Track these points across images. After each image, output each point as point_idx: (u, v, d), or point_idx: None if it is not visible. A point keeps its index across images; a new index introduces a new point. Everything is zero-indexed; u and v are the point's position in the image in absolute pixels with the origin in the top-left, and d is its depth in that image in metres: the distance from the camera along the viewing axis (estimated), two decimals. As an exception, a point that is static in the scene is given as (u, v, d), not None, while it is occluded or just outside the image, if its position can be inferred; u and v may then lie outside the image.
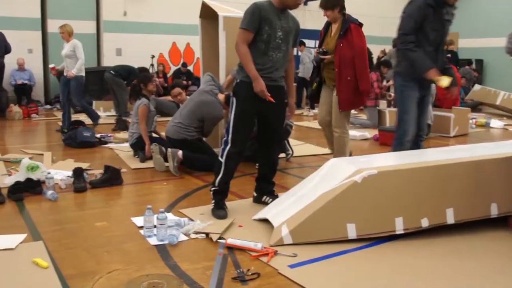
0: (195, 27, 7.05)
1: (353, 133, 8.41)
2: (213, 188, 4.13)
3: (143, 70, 10.67)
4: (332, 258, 3.21)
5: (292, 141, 6.89)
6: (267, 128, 4.22)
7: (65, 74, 8.46)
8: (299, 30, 4.24)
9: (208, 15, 6.44)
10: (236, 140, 4.04)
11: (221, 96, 5.68)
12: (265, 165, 4.40)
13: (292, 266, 3.07)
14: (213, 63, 6.38)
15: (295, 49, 4.39)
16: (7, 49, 11.47)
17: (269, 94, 3.94)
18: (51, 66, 9.12)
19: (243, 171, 5.65)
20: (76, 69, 8.27)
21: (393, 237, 3.49)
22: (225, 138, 4.09)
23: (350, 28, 5.16)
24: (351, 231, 3.44)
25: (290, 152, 6.33)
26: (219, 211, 4.04)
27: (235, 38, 3.96)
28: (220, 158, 4.09)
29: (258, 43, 3.96)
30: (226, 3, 6.60)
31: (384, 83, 10.24)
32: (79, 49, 8.32)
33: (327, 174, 3.75)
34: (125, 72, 9.99)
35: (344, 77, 5.16)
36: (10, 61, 12.50)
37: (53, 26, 13.30)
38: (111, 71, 9.97)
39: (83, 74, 8.55)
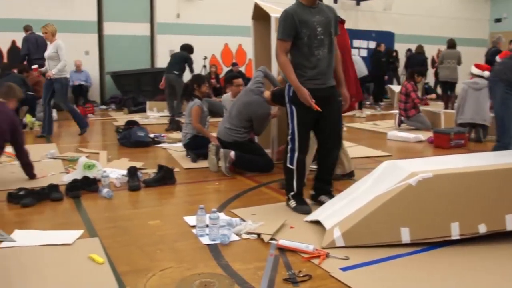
0: (247, 28, 7.08)
1: (406, 135, 8.27)
2: (292, 193, 4.23)
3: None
4: (384, 262, 3.16)
5: (344, 142, 6.81)
6: (325, 129, 4.21)
7: (46, 76, 8.08)
8: (336, 16, 4.17)
9: (261, 16, 6.44)
10: (302, 146, 4.15)
11: (266, 93, 5.66)
12: (324, 166, 4.37)
13: (344, 269, 3.03)
14: (265, 64, 6.37)
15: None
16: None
17: (314, 101, 3.94)
18: (34, 67, 8.86)
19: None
20: (57, 69, 7.88)
21: (449, 243, 3.40)
22: (290, 146, 4.16)
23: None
24: (405, 235, 3.37)
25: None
26: (304, 206, 4.15)
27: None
28: (289, 165, 4.19)
29: (301, 46, 3.98)
30: (278, 4, 6.59)
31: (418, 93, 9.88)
32: (61, 50, 7.97)
33: (380, 177, 3.69)
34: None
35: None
36: (67, 62, 12.88)
37: (109, 28, 13.68)
38: (174, 71, 10.13)
39: (67, 76, 8.25)
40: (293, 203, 4.22)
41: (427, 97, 10.51)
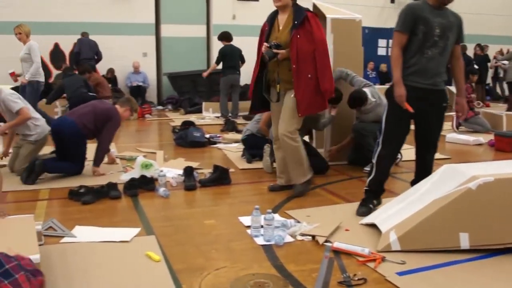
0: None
1: (465, 137, 8.04)
2: (365, 188, 4.23)
3: None
4: (442, 268, 3.08)
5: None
6: (422, 132, 4.16)
7: (19, 80, 7.69)
8: (461, 25, 4.03)
9: (320, 17, 6.40)
10: (387, 143, 4.09)
11: None
12: (420, 169, 4.27)
13: (400, 274, 2.97)
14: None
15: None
16: (98, 55, 12.14)
17: (407, 102, 3.91)
18: (10, 71, 8.58)
19: (351, 174, 5.59)
20: (30, 74, 7.52)
21: (511, 250, 3.27)
22: (378, 140, 4.14)
23: (308, 17, 4.44)
24: (464, 241, 3.27)
25: (400, 156, 6.15)
26: (360, 207, 4.13)
27: (343, 40, 3.94)
28: (372, 160, 4.17)
29: (414, 42, 3.93)
30: (336, 5, 6.55)
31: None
32: (34, 51, 7.62)
33: (439, 180, 3.60)
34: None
35: (304, 75, 4.43)
36: (126, 64, 13.25)
37: (166, 30, 13.94)
38: (237, 71, 10.23)
39: (41, 79, 7.82)
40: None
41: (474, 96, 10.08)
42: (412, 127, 4.17)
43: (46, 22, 12.71)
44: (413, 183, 4.22)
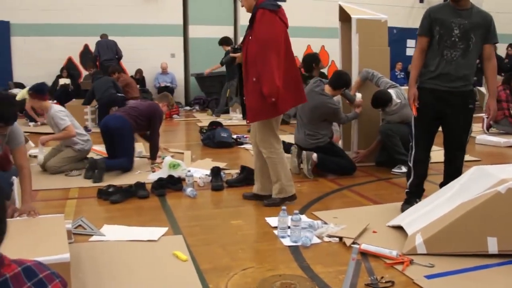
0: (330, 29, 7.07)
1: (496, 139, 7.90)
2: (406, 190, 4.26)
3: None
4: (471, 272, 3.03)
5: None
6: (448, 134, 4.13)
7: None
8: (490, 25, 3.92)
9: (347, 18, 6.38)
10: (420, 145, 4.13)
11: (327, 88, 5.62)
12: (448, 171, 4.23)
13: (428, 277, 2.94)
14: (347, 65, 6.31)
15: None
16: (118, 54, 12.27)
17: (416, 105, 4.01)
18: None
19: (379, 176, 5.55)
20: None
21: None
22: (410, 143, 4.18)
23: (255, 14, 4.14)
24: (492, 245, 3.20)
25: (429, 158, 6.08)
26: (404, 205, 4.13)
27: (368, 40, 3.94)
28: (409, 163, 4.22)
29: (432, 44, 3.97)
30: (362, 5, 6.51)
31: None
32: None
33: (468, 183, 3.54)
34: None
35: (250, 79, 4.16)
36: (154, 65, 13.37)
37: (194, 31, 14.01)
38: None
39: None
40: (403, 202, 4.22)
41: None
42: (440, 129, 4.16)
43: (75, 24, 12.90)
44: (442, 185, 4.19)
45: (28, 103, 7.75)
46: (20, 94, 10.10)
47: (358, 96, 5.98)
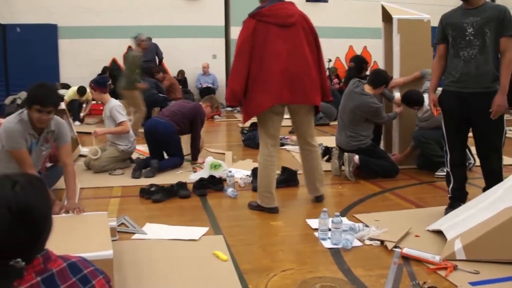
0: (372, 30, 7.02)
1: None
2: (449, 196, 4.21)
3: None
4: (519, 280, 2.94)
5: (474, 149, 6.46)
6: (477, 137, 4.06)
7: None
8: (504, 17, 3.76)
9: (389, 19, 6.31)
10: (453, 148, 4.10)
11: (367, 88, 5.57)
12: (487, 175, 4.13)
13: (473, 284, 2.86)
14: (389, 66, 6.24)
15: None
16: (158, 56, 12.41)
17: (438, 110, 4.11)
18: None
19: (421, 179, 5.45)
20: None
21: None
22: (444, 147, 4.15)
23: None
24: (538, 253, 3.10)
25: (472, 161, 5.94)
26: (448, 210, 4.07)
27: (410, 41, 3.94)
28: (446, 168, 4.19)
29: (450, 48, 3.98)
30: (404, 5, 6.42)
31: None
32: None
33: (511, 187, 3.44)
34: None
35: None
36: (196, 66, 13.51)
37: (235, 33, 14.03)
38: None
39: None
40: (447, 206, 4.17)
41: None
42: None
43: (119, 26, 13.16)
44: (485, 189, 4.09)
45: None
46: (67, 95, 10.35)
47: (397, 95, 5.92)
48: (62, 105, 6.50)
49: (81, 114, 10.67)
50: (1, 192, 1.31)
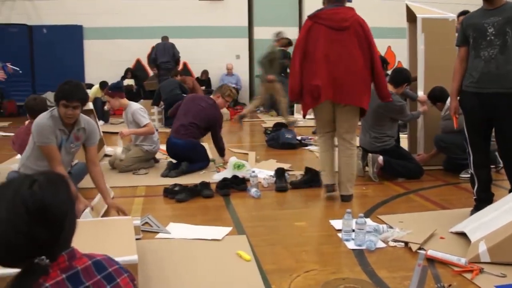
0: (397, 30, 6.94)
1: None
2: (474, 197, 4.17)
3: None
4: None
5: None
6: (500, 138, 4.01)
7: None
8: None
9: (414, 18, 6.25)
10: (475, 150, 4.04)
11: (389, 87, 5.48)
12: (510, 177, 4.10)
13: (499, 287, 2.82)
14: (413, 67, 6.18)
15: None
16: (175, 56, 12.45)
17: (457, 117, 4.09)
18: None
19: (447, 180, 5.39)
20: None
21: None
22: (467, 150, 4.10)
23: None
24: None
25: (501, 164, 5.86)
26: (473, 212, 4.02)
27: (435, 40, 3.92)
28: (470, 170, 4.14)
29: (471, 50, 3.93)
30: (429, 4, 6.35)
31: None
32: None
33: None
34: None
35: None
36: (220, 66, 13.56)
37: (258, 33, 14.08)
38: None
39: None
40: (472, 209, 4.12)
41: None
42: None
43: (143, 27, 13.29)
44: (511, 191, 4.05)
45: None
46: (91, 93, 10.45)
47: (421, 93, 5.86)
48: (90, 105, 6.61)
49: (105, 108, 10.74)
50: (19, 192, 1.32)
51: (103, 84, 10.54)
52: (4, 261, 1.33)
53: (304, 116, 4.82)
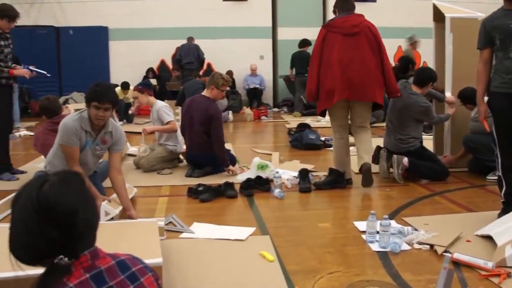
0: (422, 30, 6.87)
1: None
2: (502, 201, 4.11)
3: None
4: None
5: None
6: None
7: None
8: None
9: (441, 18, 6.18)
10: (504, 152, 3.97)
11: (414, 88, 5.45)
12: None
13: (528, 291, 2.77)
14: (441, 67, 6.10)
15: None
16: (200, 57, 12.50)
17: (501, 112, 3.90)
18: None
19: (473, 182, 5.31)
20: None
21: None
22: (496, 152, 4.04)
23: None
24: None
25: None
26: (501, 215, 3.94)
27: (463, 40, 3.87)
28: (498, 173, 4.07)
29: (496, 52, 3.89)
30: (458, 3, 6.27)
31: None
32: None
33: None
34: None
35: None
36: (243, 66, 13.58)
37: (282, 34, 14.07)
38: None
39: None
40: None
41: None
42: None
43: (167, 28, 13.39)
44: None
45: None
46: None
47: (448, 95, 5.79)
48: None
49: (130, 112, 10.86)
50: (30, 193, 1.34)
51: (124, 85, 10.64)
52: (26, 261, 1.34)
53: (318, 114, 5.61)
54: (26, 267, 1.35)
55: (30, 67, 5.69)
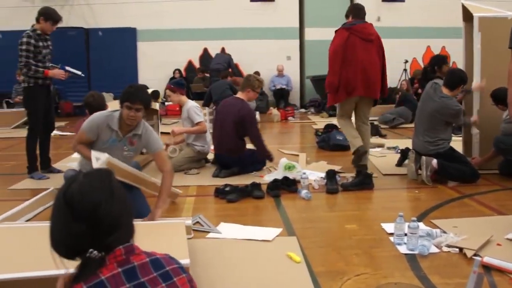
0: (452, 29, 6.79)
1: None
2: None
3: None
4: None
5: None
6: None
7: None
8: None
9: (470, 18, 6.10)
10: None
11: (445, 90, 5.37)
12: None
13: (561, 296, 2.72)
14: (470, 67, 6.01)
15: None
16: (230, 66, 12.55)
17: None
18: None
19: (504, 185, 5.22)
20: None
21: None
22: None
23: None
24: None
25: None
26: None
27: (492, 39, 3.83)
28: None
29: None
30: (486, 3, 6.17)
31: None
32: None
33: None
34: None
35: None
36: (270, 67, 13.59)
37: (310, 34, 14.04)
38: None
39: None
40: None
41: None
42: None
43: (195, 29, 13.48)
44: None
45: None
46: None
47: (476, 83, 5.71)
48: (157, 106, 6.75)
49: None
50: (60, 191, 1.43)
51: (154, 93, 10.73)
52: (65, 256, 1.41)
53: (328, 105, 6.72)
54: (59, 264, 1.41)
55: (66, 68, 5.79)
